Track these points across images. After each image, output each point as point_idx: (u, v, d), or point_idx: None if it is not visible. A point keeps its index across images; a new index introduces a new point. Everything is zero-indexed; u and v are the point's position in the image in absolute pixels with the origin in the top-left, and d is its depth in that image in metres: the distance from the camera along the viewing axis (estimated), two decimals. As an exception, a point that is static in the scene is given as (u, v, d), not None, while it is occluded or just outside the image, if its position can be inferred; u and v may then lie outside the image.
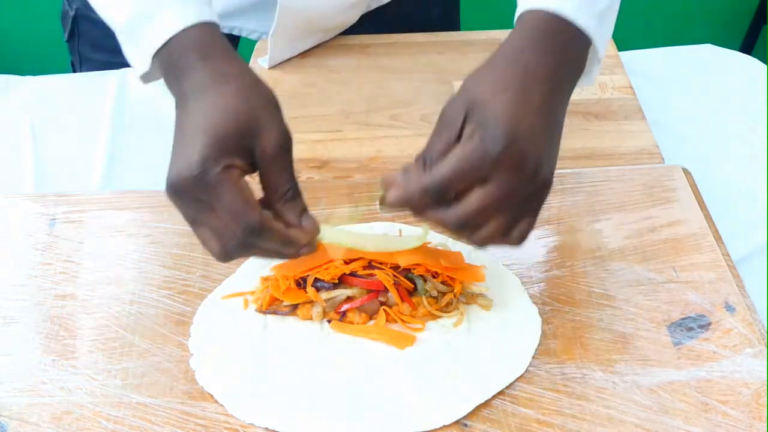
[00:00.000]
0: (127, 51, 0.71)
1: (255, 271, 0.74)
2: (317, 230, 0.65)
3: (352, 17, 1.06)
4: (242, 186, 0.62)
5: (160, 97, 0.73)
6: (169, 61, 0.67)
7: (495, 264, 0.74)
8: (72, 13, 1.13)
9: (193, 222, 0.63)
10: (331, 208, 0.81)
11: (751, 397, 0.64)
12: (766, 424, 0.62)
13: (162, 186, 0.62)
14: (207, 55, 0.66)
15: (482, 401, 0.64)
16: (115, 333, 0.70)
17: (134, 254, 0.77)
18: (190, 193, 0.61)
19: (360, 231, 0.74)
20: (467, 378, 0.65)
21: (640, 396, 0.64)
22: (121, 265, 0.76)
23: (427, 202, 0.62)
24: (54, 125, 0.98)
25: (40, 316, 0.71)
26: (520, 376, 0.65)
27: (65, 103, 1.01)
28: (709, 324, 0.69)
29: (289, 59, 1.03)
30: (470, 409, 0.63)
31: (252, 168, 0.63)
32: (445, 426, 0.62)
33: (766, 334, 0.68)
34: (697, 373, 0.66)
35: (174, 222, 0.79)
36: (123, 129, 0.97)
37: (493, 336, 0.69)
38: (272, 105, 0.65)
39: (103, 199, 0.83)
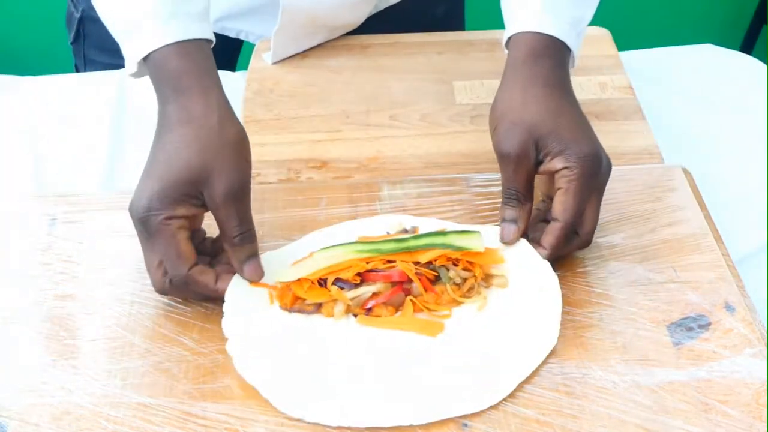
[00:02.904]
0: (122, 50, 0.74)
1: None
2: (258, 277, 0.70)
3: (359, 16, 1.05)
4: (179, 238, 0.67)
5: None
6: (152, 79, 0.71)
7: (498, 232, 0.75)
8: (78, 14, 1.12)
9: (143, 247, 0.69)
10: (331, 208, 0.81)
11: (751, 397, 0.64)
12: (766, 424, 0.62)
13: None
14: (179, 88, 0.69)
15: (523, 378, 0.65)
16: (115, 333, 0.70)
17: (134, 254, 0.76)
18: (137, 227, 0.68)
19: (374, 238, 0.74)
20: (503, 359, 0.66)
21: (640, 396, 0.64)
22: (121, 265, 0.76)
23: (564, 243, 0.72)
24: (54, 125, 0.98)
25: (40, 316, 0.71)
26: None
27: (65, 103, 1.01)
28: (709, 324, 0.69)
29: (290, 58, 1.03)
30: (514, 386, 0.64)
31: (206, 208, 0.69)
32: (444, 426, 0.62)
33: (766, 334, 0.68)
34: (697, 373, 0.66)
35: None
36: (123, 129, 0.97)
37: (517, 314, 0.69)
38: (232, 148, 0.69)
39: (103, 199, 0.82)
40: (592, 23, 1.07)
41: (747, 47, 2.15)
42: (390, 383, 0.65)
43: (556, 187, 0.72)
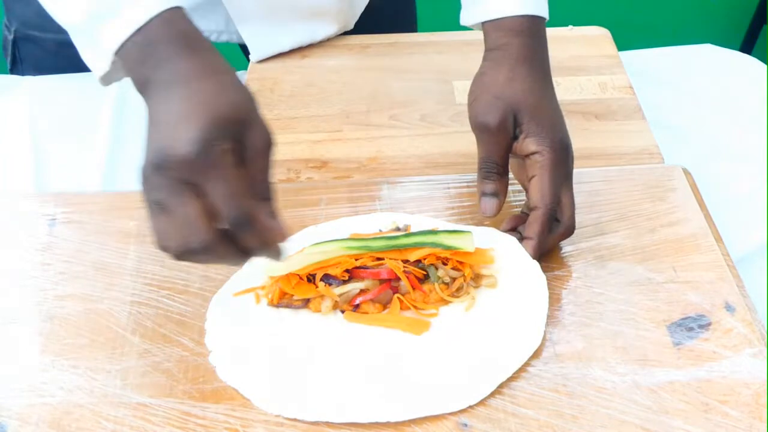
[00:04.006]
0: (85, 53, 0.67)
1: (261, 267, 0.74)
2: (287, 233, 0.61)
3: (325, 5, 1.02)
4: (241, 171, 0.59)
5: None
6: (142, 52, 0.62)
7: (492, 233, 0.76)
8: (11, 36, 1.09)
9: (162, 209, 0.59)
10: (330, 208, 0.81)
11: (751, 397, 0.64)
12: (766, 424, 0.62)
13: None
14: (193, 47, 0.62)
15: (505, 379, 0.65)
16: (115, 333, 0.70)
17: (134, 254, 0.77)
18: (179, 172, 0.57)
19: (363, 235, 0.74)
20: (486, 358, 0.66)
21: (640, 396, 0.64)
22: (121, 265, 0.76)
23: (548, 229, 0.73)
24: (54, 125, 0.98)
25: (40, 316, 0.71)
26: (520, 377, 0.66)
27: (65, 103, 1.01)
28: (709, 324, 0.69)
29: (290, 59, 1.03)
30: (496, 386, 0.64)
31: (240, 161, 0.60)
32: (443, 425, 0.62)
33: (766, 334, 0.68)
34: (697, 373, 0.66)
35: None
36: (123, 129, 0.97)
37: (503, 314, 0.69)
38: (257, 104, 0.63)
39: (103, 199, 0.83)
40: (593, 23, 1.08)
41: (747, 47, 2.15)
42: (376, 379, 0.65)
43: (529, 175, 0.73)
